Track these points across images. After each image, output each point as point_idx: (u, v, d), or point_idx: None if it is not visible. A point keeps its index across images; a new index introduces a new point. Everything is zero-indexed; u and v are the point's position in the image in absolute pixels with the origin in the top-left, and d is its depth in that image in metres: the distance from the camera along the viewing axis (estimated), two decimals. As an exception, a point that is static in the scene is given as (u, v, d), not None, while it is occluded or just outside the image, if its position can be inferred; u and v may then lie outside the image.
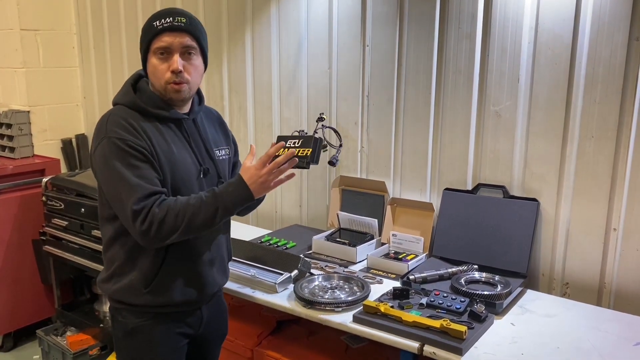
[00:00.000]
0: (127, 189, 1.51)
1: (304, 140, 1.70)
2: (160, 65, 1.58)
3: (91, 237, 2.93)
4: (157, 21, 1.57)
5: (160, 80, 1.59)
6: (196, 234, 1.59)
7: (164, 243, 1.55)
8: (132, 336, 1.68)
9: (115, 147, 1.53)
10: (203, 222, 1.54)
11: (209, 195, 1.55)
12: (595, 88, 1.95)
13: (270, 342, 2.24)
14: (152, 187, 1.53)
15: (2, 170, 3.26)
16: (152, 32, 1.58)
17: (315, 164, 1.68)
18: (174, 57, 1.57)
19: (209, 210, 1.53)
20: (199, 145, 1.70)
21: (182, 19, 1.58)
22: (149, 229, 1.50)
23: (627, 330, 1.76)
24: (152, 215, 1.50)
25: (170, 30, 1.56)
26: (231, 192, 1.56)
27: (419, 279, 2.03)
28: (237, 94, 3.01)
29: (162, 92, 1.61)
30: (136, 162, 1.53)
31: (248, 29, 2.88)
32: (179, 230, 1.52)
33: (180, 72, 1.57)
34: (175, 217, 1.51)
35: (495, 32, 2.13)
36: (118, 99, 1.65)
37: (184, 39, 1.58)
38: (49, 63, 3.65)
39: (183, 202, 1.54)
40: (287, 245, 2.48)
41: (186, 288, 1.67)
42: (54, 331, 3.20)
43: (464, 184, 2.30)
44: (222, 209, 1.54)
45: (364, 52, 2.49)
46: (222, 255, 1.80)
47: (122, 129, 1.54)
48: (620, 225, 1.97)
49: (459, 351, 1.59)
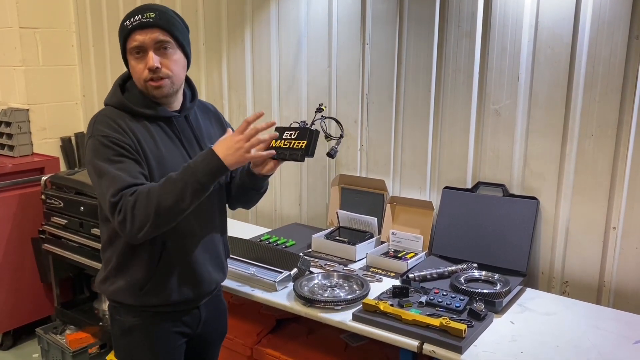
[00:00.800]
0: (108, 182, 1.47)
1: (300, 132, 1.65)
2: (138, 64, 1.56)
3: (90, 236, 2.93)
4: (127, 21, 1.55)
5: (139, 79, 1.58)
6: (172, 218, 1.48)
7: (144, 234, 1.46)
8: (129, 335, 1.68)
9: (99, 144, 1.51)
10: (173, 203, 1.44)
11: (178, 172, 1.47)
12: (595, 86, 1.95)
13: (270, 340, 2.24)
14: (132, 179, 1.48)
15: (2, 169, 3.25)
16: (124, 33, 1.56)
17: (310, 156, 1.64)
18: (149, 54, 1.54)
19: (177, 186, 1.44)
20: (192, 143, 1.68)
21: (150, 14, 1.53)
22: (124, 220, 1.44)
23: (626, 328, 1.76)
24: (125, 205, 1.44)
25: (140, 27, 1.53)
26: (199, 163, 1.47)
27: (419, 278, 2.03)
28: (236, 92, 3.01)
29: (144, 91, 1.59)
30: (119, 157, 1.50)
31: (248, 27, 2.87)
32: (150, 219, 1.43)
33: (157, 69, 1.54)
34: (145, 205, 1.43)
35: (495, 31, 2.13)
36: (107, 100, 1.64)
37: (155, 34, 1.53)
38: (48, 61, 3.64)
39: (152, 186, 1.46)
40: (286, 244, 2.48)
41: (182, 287, 1.67)
42: (54, 329, 3.20)
43: (464, 182, 2.30)
44: (191, 184, 1.44)
45: (364, 50, 2.49)
46: (219, 253, 1.78)
47: (108, 127, 1.53)
48: (620, 224, 1.97)
49: (459, 349, 1.59)
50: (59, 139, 3.78)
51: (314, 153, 1.64)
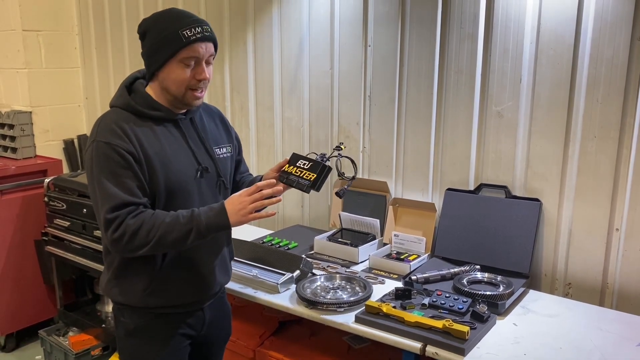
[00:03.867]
0: (104, 197, 1.52)
1: (313, 165, 1.71)
2: (185, 72, 1.57)
3: (93, 238, 2.93)
4: (186, 30, 1.54)
5: (181, 85, 1.59)
6: (166, 250, 1.60)
7: (133, 254, 1.56)
8: (134, 336, 1.69)
9: (100, 151, 1.53)
10: (174, 241, 1.53)
11: (187, 216, 1.54)
12: (598, 88, 1.95)
13: (273, 342, 2.24)
14: (128, 197, 1.52)
15: (5, 171, 3.26)
16: (181, 42, 1.54)
17: (316, 191, 1.68)
18: (202, 66, 1.59)
19: (183, 230, 1.53)
20: (197, 144, 1.70)
21: (207, 28, 1.59)
22: (120, 238, 1.51)
23: (629, 330, 1.76)
24: (125, 225, 1.51)
25: (202, 40, 1.56)
26: (209, 217, 1.55)
27: (421, 279, 2.03)
28: (238, 94, 3.01)
29: (179, 96, 1.60)
30: (118, 169, 1.53)
31: (250, 30, 2.88)
32: (149, 245, 1.52)
33: (208, 81, 1.61)
34: (148, 232, 1.51)
35: (497, 32, 2.13)
36: (113, 101, 1.66)
37: (211, 48, 1.61)
38: (51, 64, 3.65)
39: (159, 217, 1.53)
40: (289, 246, 2.48)
41: (186, 288, 1.68)
42: (56, 331, 3.20)
43: (466, 184, 2.30)
44: (195, 232, 1.53)
45: (366, 52, 2.49)
46: (223, 255, 1.79)
47: (111, 132, 1.54)
48: (623, 226, 1.97)
49: (462, 351, 1.59)
50: (61, 141, 3.79)
51: (320, 188, 1.69)
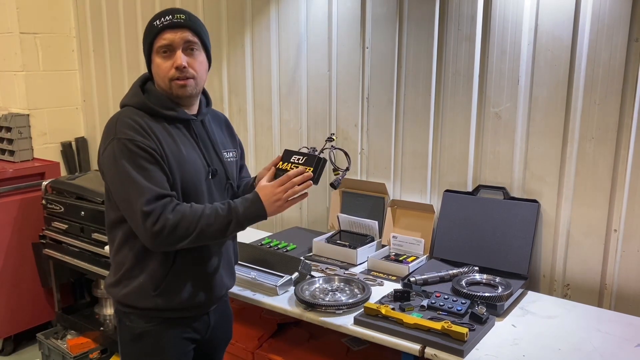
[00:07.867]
0: (136, 190, 1.50)
1: (307, 159, 1.69)
2: (164, 63, 1.58)
3: (91, 240, 2.93)
4: (157, 20, 1.58)
5: (164, 78, 1.59)
6: (205, 243, 1.61)
7: (172, 248, 1.56)
8: (139, 341, 1.67)
9: (124, 147, 1.52)
10: (214, 233, 1.56)
11: (225, 208, 1.57)
12: (595, 89, 1.95)
13: (271, 344, 2.23)
14: (160, 190, 1.53)
15: (2, 174, 3.26)
16: (153, 32, 1.58)
17: (315, 184, 1.67)
18: (177, 53, 1.57)
19: (223, 222, 1.55)
20: (207, 147, 1.71)
21: (181, 15, 1.59)
22: (161, 232, 1.50)
23: (628, 331, 1.76)
24: (164, 219, 1.50)
25: (170, 27, 1.56)
26: (247, 208, 1.58)
27: (420, 281, 2.03)
28: (236, 97, 3.01)
29: (168, 90, 1.61)
30: (145, 163, 1.53)
31: (247, 31, 2.88)
32: (189, 238, 1.53)
33: (185, 68, 1.58)
34: (188, 225, 1.52)
35: (495, 34, 2.13)
36: (126, 100, 1.65)
37: (185, 34, 1.58)
38: (49, 66, 3.65)
39: (198, 210, 1.54)
40: (287, 248, 2.48)
41: (195, 290, 1.67)
42: (54, 334, 3.20)
43: (464, 185, 2.30)
44: (234, 223, 1.56)
45: (364, 54, 2.49)
46: (230, 258, 1.80)
47: (132, 129, 1.54)
48: (621, 227, 1.97)
49: (460, 353, 1.59)
50: (59, 144, 3.78)
51: (318, 181, 1.68)
